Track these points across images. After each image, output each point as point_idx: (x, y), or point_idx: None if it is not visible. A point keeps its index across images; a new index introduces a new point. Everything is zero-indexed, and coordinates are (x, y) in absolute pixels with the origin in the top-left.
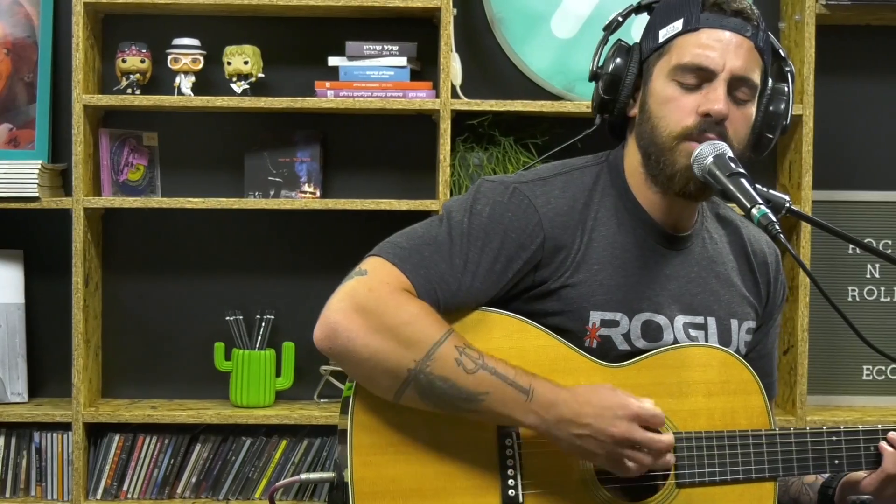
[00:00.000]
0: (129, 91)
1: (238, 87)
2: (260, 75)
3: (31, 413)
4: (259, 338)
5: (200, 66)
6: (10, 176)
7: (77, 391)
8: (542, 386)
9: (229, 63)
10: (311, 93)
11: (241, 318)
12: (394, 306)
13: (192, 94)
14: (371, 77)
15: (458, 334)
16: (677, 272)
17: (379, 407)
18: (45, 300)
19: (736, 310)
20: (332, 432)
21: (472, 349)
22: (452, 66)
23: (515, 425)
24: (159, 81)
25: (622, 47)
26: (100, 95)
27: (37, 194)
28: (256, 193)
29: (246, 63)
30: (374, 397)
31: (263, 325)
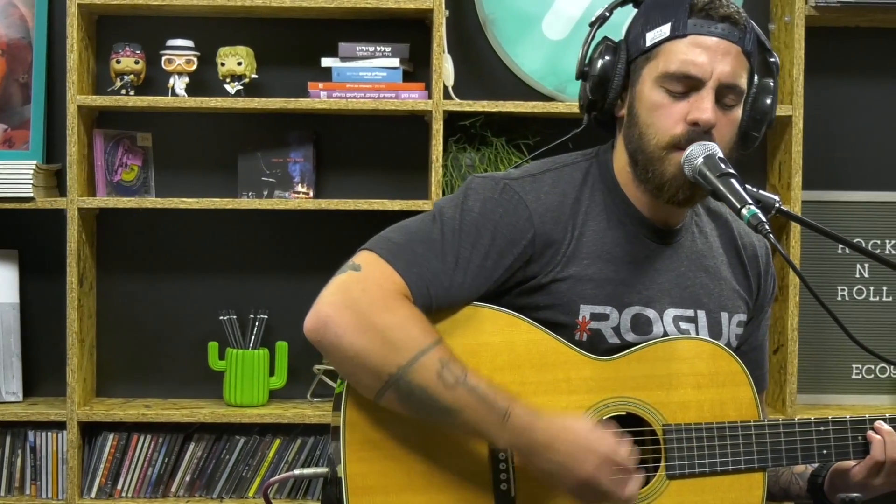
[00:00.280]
0: (123, 92)
1: (231, 87)
2: (253, 76)
3: (25, 412)
4: (253, 337)
5: (194, 67)
6: (4, 176)
7: (71, 390)
8: (519, 409)
9: (223, 64)
10: (304, 94)
11: (234, 317)
12: (384, 308)
13: (185, 95)
14: (364, 78)
15: (446, 346)
16: (667, 266)
17: (371, 403)
18: (40, 300)
19: (726, 303)
20: (326, 431)
21: (456, 363)
22: (445, 67)
23: (489, 443)
24: (153, 82)
25: (609, 46)
26: (94, 96)
27: (31, 195)
28: (250, 194)
29: (239, 64)
30: None
31: (257, 324)
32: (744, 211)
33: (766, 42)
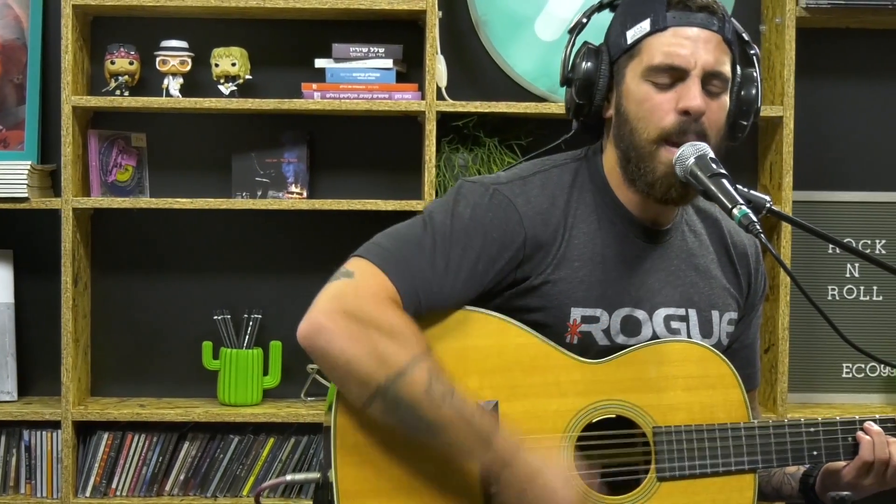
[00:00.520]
0: (117, 92)
1: (226, 88)
2: (247, 77)
3: (20, 411)
4: (246, 337)
5: (188, 67)
6: None
7: (66, 390)
8: (502, 440)
9: (217, 65)
10: (297, 94)
11: (228, 317)
12: (376, 317)
13: (180, 96)
14: (357, 79)
15: (435, 360)
16: (657, 266)
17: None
18: (35, 299)
19: (717, 301)
20: (319, 430)
21: (444, 381)
22: (438, 68)
23: (466, 462)
24: (148, 83)
25: (590, 50)
26: (89, 97)
27: (26, 195)
28: (244, 194)
29: (233, 65)
30: None
31: (251, 324)
32: (735, 211)
33: (743, 34)
